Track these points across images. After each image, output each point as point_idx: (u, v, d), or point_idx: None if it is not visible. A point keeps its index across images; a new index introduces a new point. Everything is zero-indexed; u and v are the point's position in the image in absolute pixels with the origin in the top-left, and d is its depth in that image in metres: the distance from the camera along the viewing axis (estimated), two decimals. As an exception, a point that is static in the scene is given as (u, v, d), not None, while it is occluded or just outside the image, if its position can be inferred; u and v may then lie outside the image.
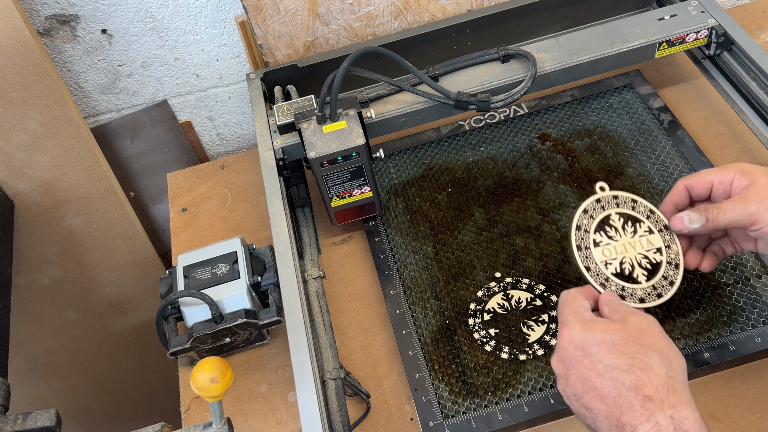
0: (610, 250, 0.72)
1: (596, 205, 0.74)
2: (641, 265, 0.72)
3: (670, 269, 0.72)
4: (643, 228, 0.73)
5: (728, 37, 0.93)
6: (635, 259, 0.72)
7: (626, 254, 0.72)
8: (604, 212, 0.74)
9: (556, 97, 1.07)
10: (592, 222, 0.74)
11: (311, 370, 0.71)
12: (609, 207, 0.74)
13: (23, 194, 1.09)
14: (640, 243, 0.72)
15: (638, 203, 0.74)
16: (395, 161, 1.04)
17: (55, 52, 1.06)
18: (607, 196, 0.75)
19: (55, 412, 0.70)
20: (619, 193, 0.75)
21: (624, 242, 0.72)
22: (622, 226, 0.73)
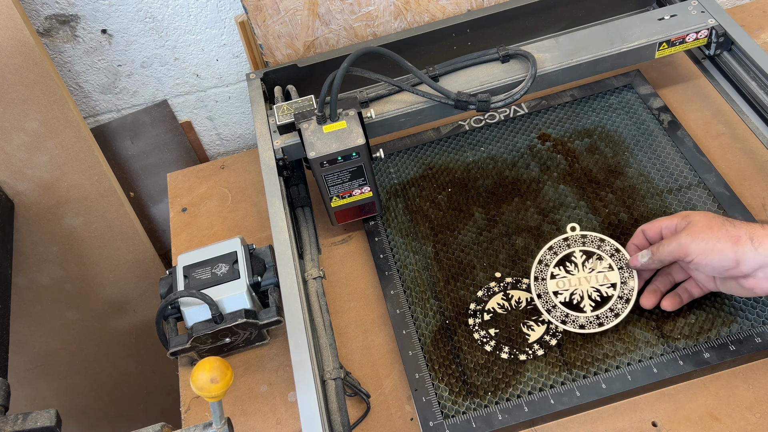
0: (564, 282, 0.82)
1: (562, 243, 0.84)
2: (591, 297, 0.80)
3: (619, 303, 0.79)
4: (603, 264, 0.82)
5: (728, 37, 0.93)
6: (586, 292, 0.81)
7: (579, 287, 0.81)
8: (569, 249, 0.84)
9: (556, 97, 1.07)
10: (554, 258, 0.83)
11: (311, 370, 0.71)
12: (575, 245, 0.84)
13: (23, 194, 1.09)
14: (596, 278, 0.81)
15: (605, 242, 0.83)
16: (395, 161, 1.04)
17: (55, 52, 1.06)
18: (575, 235, 0.85)
19: (55, 412, 0.70)
20: (589, 234, 0.84)
21: (580, 276, 0.82)
22: (582, 263, 0.83)
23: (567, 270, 0.82)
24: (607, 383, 0.76)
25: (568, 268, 0.82)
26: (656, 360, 0.77)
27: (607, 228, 0.90)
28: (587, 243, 0.83)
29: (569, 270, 0.82)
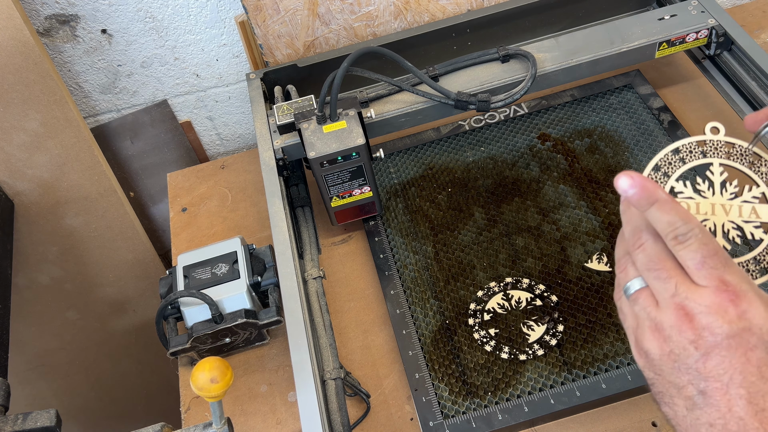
0: (688, 206, 0.56)
1: (696, 149, 0.58)
2: (728, 236, 0.55)
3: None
4: (753, 192, 0.56)
5: (728, 37, 0.93)
6: (722, 227, 0.55)
7: (711, 217, 0.55)
8: (704, 159, 0.57)
9: (556, 97, 1.07)
10: (680, 166, 0.58)
11: (311, 370, 0.71)
12: (714, 155, 0.57)
13: (23, 194, 1.09)
14: (738, 209, 0.55)
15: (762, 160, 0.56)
16: (395, 161, 1.04)
17: (55, 52, 1.06)
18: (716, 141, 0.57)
19: (55, 412, 0.70)
20: (738, 142, 0.57)
21: (715, 202, 0.56)
22: (721, 183, 0.56)
23: (696, 188, 0.56)
24: (607, 383, 0.76)
25: (698, 186, 0.56)
26: (656, 360, 0.77)
27: (607, 228, 0.89)
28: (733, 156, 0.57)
29: (700, 189, 0.56)
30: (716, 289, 0.47)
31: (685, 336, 0.47)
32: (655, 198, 0.49)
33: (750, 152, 0.57)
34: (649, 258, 0.50)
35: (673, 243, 0.48)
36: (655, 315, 0.49)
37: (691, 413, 0.47)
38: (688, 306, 0.47)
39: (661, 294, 0.49)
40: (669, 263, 0.49)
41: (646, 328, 0.49)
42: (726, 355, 0.46)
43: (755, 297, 0.47)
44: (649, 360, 0.49)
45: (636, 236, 0.51)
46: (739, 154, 0.57)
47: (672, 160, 0.58)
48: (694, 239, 0.48)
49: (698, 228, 0.48)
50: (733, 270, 0.47)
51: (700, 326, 0.46)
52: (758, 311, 0.46)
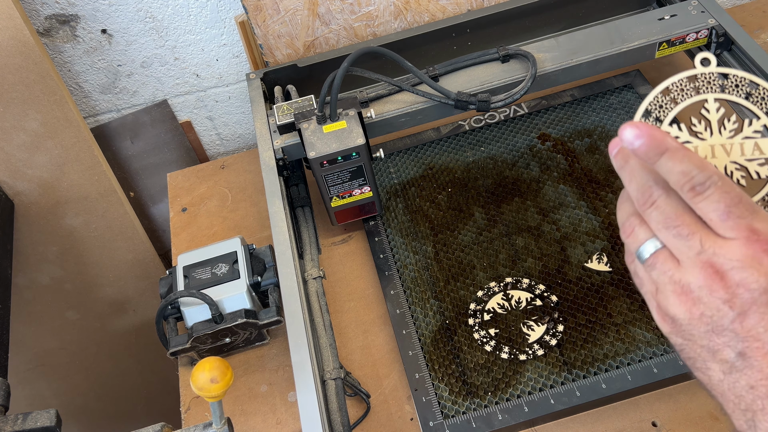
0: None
1: (687, 86, 0.52)
2: (732, 178, 0.50)
3: None
4: (754, 126, 0.50)
5: (728, 37, 0.93)
6: (724, 170, 0.50)
7: (712, 160, 0.50)
8: (697, 96, 0.51)
9: (556, 97, 1.07)
10: (672, 108, 0.52)
11: (311, 370, 0.71)
12: (707, 90, 0.52)
13: (23, 194, 1.09)
14: (740, 147, 0.50)
15: (759, 89, 0.51)
16: (395, 161, 1.04)
17: (55, 52, 1.06)
18: (709, 73, 0.51)
19: (55, 412, 0.70)
20: (732, 72, 0.51)
21: (714, 143, 0.50)
22: (719, 121, 0.51)
23: (693, 131, 0.51)
24: (607, 383, 0.76)
25: (695, 128, 0.51)
26: (656, 360, 0.77)
27: (607, 228, 0.89)
28: (729, 88, 0.51)
29: (697, 131, 0.51)
30: (746, 240, 0.42)
31: (718, 296, 0.43)
32: (665, 147, 0.44)
33: (746, 81, 0.51)
34: (665, 215, 0.45)
35: (690, 195, 0.44)
36: (680, 277, 0.44)
37: (729, 377, 0.43)
38: (718, 262, 0.43)
39: (684, 253, 0.44)
40: (688, 218, 0.44)
41: (670, 293, 0.45)
42: (765, 312, 0.42)
43: None
44: (676, 326, 0.45)
45: (646, 193, 0.46)
46: (734, 86, 0.52)
47: (663, 102, 0.52)
48: (714, 188, 0.43)
49: (717, 175, 0.43)
50: (762, 216, 0.43)
51: (733, 283, 0.42)
52: None
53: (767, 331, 0.42)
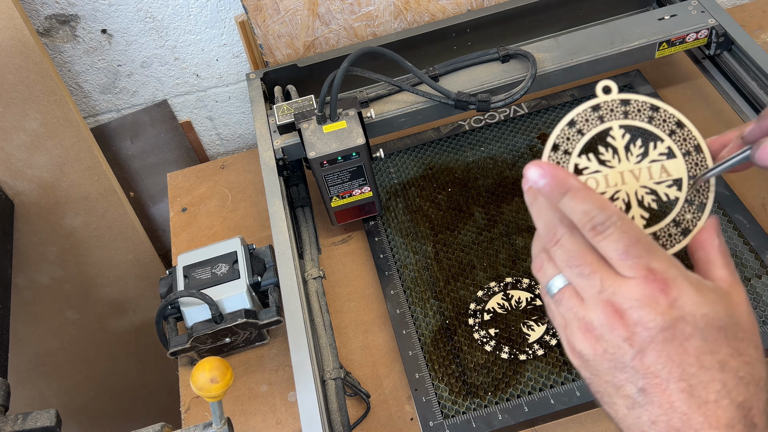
0: (597, 181, 0.51)
1: (591, 115, 0.51)
2: (643, 203, 0.51)
3: (688, 211, 0.51)
4: (659, 149, 0.51)
5: (728, 37, 0.93)
6: (635, 195, 0.51)
7: (623, 187, 0.51)
8: (602, 125, 0.51)
9: (556, 97, 1.07)
10: (579, 139, 0.51)
11: (311, 370, 0.71)
12: (611, 118, 0.51)
13: (23, 194, 1.09)
14: (648, 171, 0.51)
15: (660, 112, 0.51)
16: (395, 161, 1.04)
17: (55, 51, 1.06)
18: (611, 101, 0.51)
19: (55, 412, 0.70)
20: (633, 97, 0.51)
21: (623, 169, 0.51)
22: (625, 147, 0.51)
23: (601, 160, 0.51)
24: (607, 383, 0.76)
25: (602, 156, 0.51)
26: (656, 360, 0.76)
27: (607, 228, 0.89)
28: (631, 114, 0.51)
29: (605, 159, 0.51)
30: (644, 279, 0.43)
31: (618, 333, 0.44)
32: (568, 187, 0.45)
33: (647, 105, 0.51)
34: (569, 254, 0.46)
35: (591, 234, 0.45)
36: (584, 314, 0.45)
37: (632, 412, 0.44)
38: (617, 301, 0.44)
39: (586, 291, 0.45)
40: (590, 257, 0.45)
41: (576, 329, 0.46)
42: (662, 349, 0.43)
43: (685, 282, 0.44)
44: (583, 361, 0.46)
45: (551, 231, 0.48)
46: (636, 111, 0.51)
47: (569, 134, 0.51)
48: (613, 228, 0.44)
49: (617, 215, 0.44)
50: (659, 256, 0.44)
51: (631, 322, 0.43)
52: (689, 297, 0.43)
53: (665, 368, 0.43)
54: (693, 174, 0.51)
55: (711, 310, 0.43)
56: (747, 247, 0.84)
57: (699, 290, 0.44)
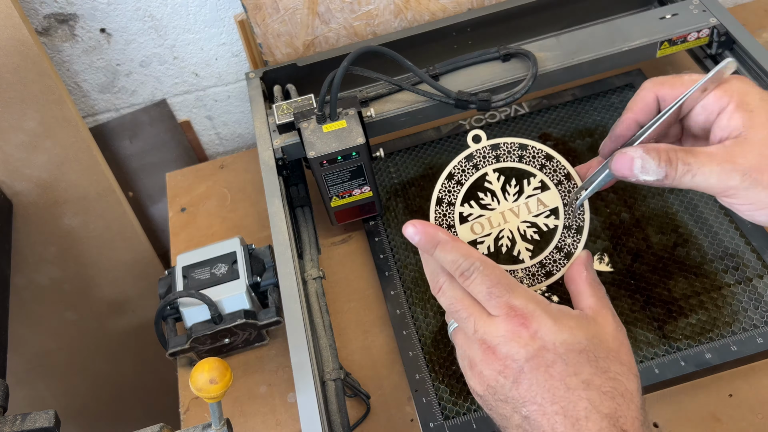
0: (482, 224, 0.56)
1: (466, 165, 0.57)
2: (526, 236, 0.56)
3: (567, 237, 0.55)
4: (533, 184, 0.56)
5: (730, 36, 0.92)
6: (518, 231, 0.56)
7: (506, 225, 0.56)
8: (478, 172, 0.56)
9: (557, 96, 1.07)
10: (459, 190, 0.57)
11: (311, 370, 0.71)
12: (485, 164, 0.56)
13: (21, 194, 1.08)
14: (526, 206, 0.56)
15: (528, 149, 0.56)
16: (395, 161, 1.04)
17: (53, 51, 1.06)
18: (481, 148, 0.56)
19: (54, 412, 0.70)
20: (501, 141, 0.56)
21: (503, 209, 0.56)
22: (501, 188, 0.56)
23: (482, 204, 0.56)
24: (609, 384, 0.75)
25: (483, 200, 0.56)
26: (657, 360, 0.76)
27: (608, 228, 0.89)
28: (502, 157, 0.56)
29: (486, 203, 0.56)
30: (506, 316, 0.49)
31: (494, 368, 0.48)
32: (437, 240, 0.52)
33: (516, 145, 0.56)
34: (449, 300, 0.52)
35: (461, 280, 0.50)
36: (469, 353, 0.51)
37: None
38: (488, 339, 0.49)
39: (467, 332, 0.51)
40: (467, 301, 0.51)
41: (467, 367, 0.51)
42: (532, 377, 0.47)
43: (542, 314, 0.49)
44: (477, 396, 0.51)
45: (434, 280, 0.54)
46: (506, 152, 0.56)
47: (450, 187, 0.57)
48: (476, 272, 0.50)
49: (479, 260, 0.50)
50: (517, 293, 0.49)
51: (502, 356, 0.48)
52: (547, 328, 0.48)
53: (538, 394, 0.47)
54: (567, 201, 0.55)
55: (569, 336, 0.48)
56: (749, 247, 0.84)
57: (556, 320, 0.48)
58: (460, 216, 0.57)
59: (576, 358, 0.47)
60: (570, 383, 0.47)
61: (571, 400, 0.46)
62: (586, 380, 0.47)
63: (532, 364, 0.47)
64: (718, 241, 0.85)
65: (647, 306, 0.81)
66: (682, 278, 0.83)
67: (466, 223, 0.56)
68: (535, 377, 0.47)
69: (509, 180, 0.56)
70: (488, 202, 0.56)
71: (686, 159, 0.48)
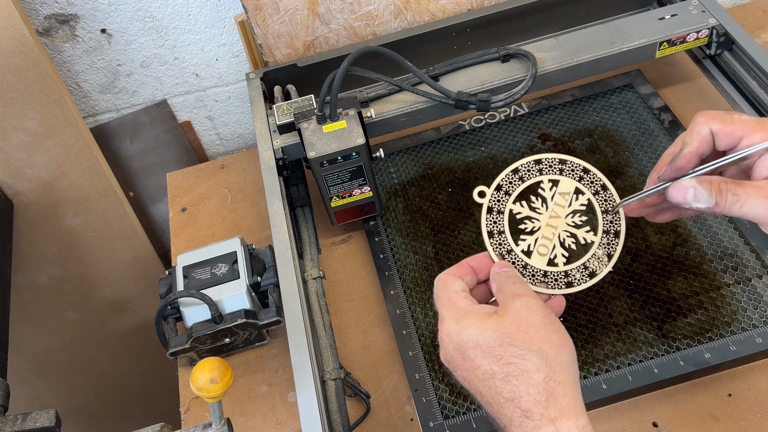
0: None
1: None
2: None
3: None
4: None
5: (729, 37, 0.93)
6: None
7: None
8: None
9: (557, 96, 1.07)
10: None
11: (311, 370, 0.71)
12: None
13: (23, 194, 1.09)
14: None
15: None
16: (395, 161, 1.04)
17: (54, 51, 1.06)
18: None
19: (55, 412, 0.70)
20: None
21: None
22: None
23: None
24: (607, 383, 0.75)
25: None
26: (657, 360, 0.76)
27: (607, 228, 0.89)
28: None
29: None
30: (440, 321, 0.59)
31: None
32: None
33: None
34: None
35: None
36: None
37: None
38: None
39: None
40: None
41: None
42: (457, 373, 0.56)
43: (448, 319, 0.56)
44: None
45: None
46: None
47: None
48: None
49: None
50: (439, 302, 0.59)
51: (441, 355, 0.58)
52: (450, 330, 0.55)
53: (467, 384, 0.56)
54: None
55: (465, 335, 0.54)
56: (748, 247, 0.84)
57: (458, 322, 0.55)
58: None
59: (473, 353, 0.53)
60: (476, 375, 0.53)
61: (481, 391, 0.53)
62: (485, 371, 0.52)
63: (452, 364, 0.56)
64: (717, 241, 0.86)
65: (646, 306, 0.81)
66: (681, 278, 0.83)
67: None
68: (458, 373, 0.55)
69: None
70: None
71: (735, 191, 0.53)
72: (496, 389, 0.52)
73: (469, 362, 0.53)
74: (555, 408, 0.50)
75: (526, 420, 0.50)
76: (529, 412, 0.50)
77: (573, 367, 0.53)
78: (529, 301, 0.55)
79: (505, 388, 0.51)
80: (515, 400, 0.50)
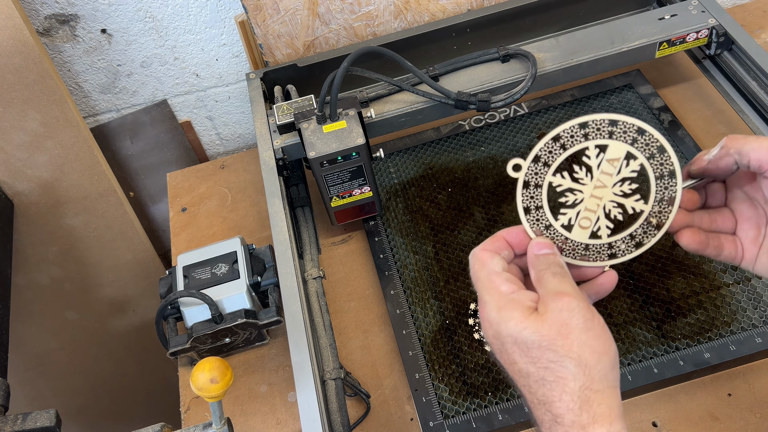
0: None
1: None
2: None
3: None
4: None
5: (728, 37, 0.93)
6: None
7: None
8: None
9: (557, 96, 1.07)
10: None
11: (311, 370, 0.71)
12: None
13: (23, 194, 1.09)
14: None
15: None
16: (395, 161, 1.04)
17: (54, 51, 1.06)
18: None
19: (55, 412, 0.70)
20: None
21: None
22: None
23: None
24: (608, 383, 0.75)
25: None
26: (656, 360, 0.77)
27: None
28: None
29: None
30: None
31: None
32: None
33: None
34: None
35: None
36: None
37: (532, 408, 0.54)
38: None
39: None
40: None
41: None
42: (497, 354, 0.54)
43: (490, 304, 0.52)
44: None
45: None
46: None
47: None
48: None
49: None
50: (478, 284, 0.54)
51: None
52: (492, 317, 0.52)
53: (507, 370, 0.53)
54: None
55: (505, 328, 0.51)
56: (747, 247, 0.84)
57: (500, 311, 0.52)
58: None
59: (511, 348, 0.51)
60: (513, 369, 0.52)
61: (517, 384, 0.52)
62: (521, 369, 0.51)
63: (492, 347, 0.54)
64: (717, 241, 0.86)
65: (646, 305, 0.82)
66: (680, 278, 0.83)
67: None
68: (497, 356, 0.54)
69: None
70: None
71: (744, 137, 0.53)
72: (529, 389, 0.51)
73: (507, 355, 0.52)
74: (588, 415, 0.48)
75: (556, 425, 0.49)
76: (560, 417, 0.49)
77: (613, 373, 0.50)
78: (571, 302, 0.51)
79: (539, 390, 0.50)
80: (547, 404, 0.49)
